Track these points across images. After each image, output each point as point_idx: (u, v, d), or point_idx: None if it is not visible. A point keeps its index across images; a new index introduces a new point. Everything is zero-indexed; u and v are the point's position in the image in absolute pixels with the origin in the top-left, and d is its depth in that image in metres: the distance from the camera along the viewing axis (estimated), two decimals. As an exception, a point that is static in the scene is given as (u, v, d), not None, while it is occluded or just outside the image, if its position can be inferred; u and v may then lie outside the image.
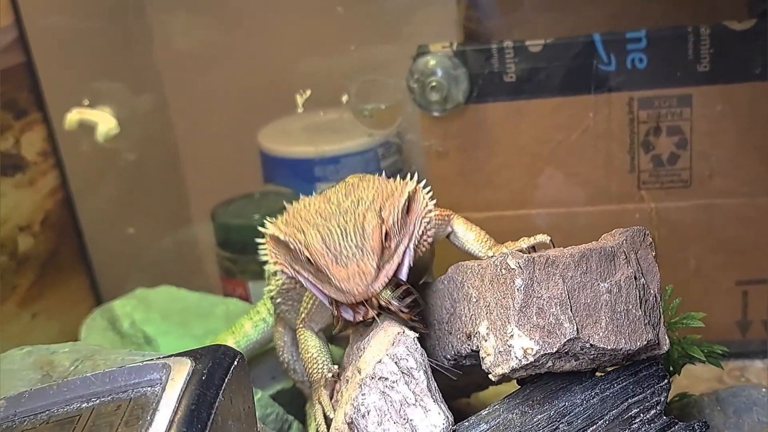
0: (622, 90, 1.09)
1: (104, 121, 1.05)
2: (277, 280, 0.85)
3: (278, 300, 0.87)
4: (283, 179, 1.34)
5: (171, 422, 0.47)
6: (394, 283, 0.68)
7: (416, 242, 0.71)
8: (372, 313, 0.66)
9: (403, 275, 0.69)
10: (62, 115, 1.11)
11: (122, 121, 1.09)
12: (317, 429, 0.78)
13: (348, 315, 0.67)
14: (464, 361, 0.76)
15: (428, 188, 0.75)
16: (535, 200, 1.16)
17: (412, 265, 0.70)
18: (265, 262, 1.19)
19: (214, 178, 1.36)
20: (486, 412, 0.69)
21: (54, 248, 1.11)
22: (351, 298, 0.65)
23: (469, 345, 0.73)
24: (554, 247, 0.74)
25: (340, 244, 0.66)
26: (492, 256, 0.75)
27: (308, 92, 1.15)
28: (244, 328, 0.99)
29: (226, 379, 0.52)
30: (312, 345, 0.79)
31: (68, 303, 1.14)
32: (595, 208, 1.15)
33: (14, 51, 1.06)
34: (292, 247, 0.70)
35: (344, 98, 1.14)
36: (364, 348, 0.68)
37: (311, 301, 0.78)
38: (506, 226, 1.13)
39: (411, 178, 0.75)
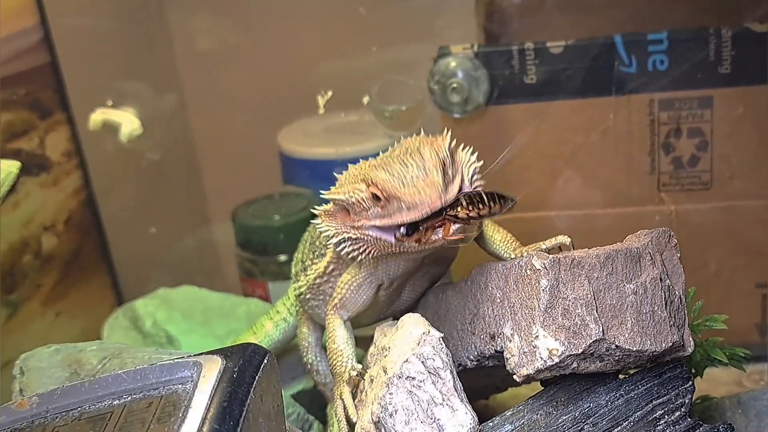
0: (643, 92, 1.09)
1: (128, 122, 1.06)
2: (309, 276, 0.86)
3: (308, 296, 0.87)
4: (302, 180, 1.34)
5: (203, 419, 0.47)
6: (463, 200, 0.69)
7: (468, 184, 0.72)
8: (455, 227, 0.67)
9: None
10: (86, 116, 1.12)
11: (144, 122, 1.10)
12: (338, 426, 0.79)
13: (436, 236, 0.67)
14: (487, 362, 0.77)
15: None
16: (555, 202, 1.16)
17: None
18: (283, 263, 1.21)
19: (233, 179, 1.37)
20: (510, 412, 0.69)
21: (77, 248, 1.12)
22: (427, 209, 0.66)
23: (492, 346, 0.73)
24: (574, 248, 0.74)
25: (403, 170, 0.68)
26: (516, 258, 0.75)
27: (329, 93, 1.16)
28: (265, 327, 0.99)
29: (257, 377, 0.52)
30: (339, 336, 0.80)
31: (91, 302, 1.14)
32: (615, 210, 1.15)
33: (39, 51, 1.07)
34: (353, 200, 0.71)
35: (365, 99, 1.15)
36: (388, 347, 0.68)
37: (346, 286, 0.79)
38: (525, 228, 1.12)
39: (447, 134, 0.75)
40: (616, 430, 0.67)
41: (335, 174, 0.78)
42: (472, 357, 0.76)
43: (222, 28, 1.29)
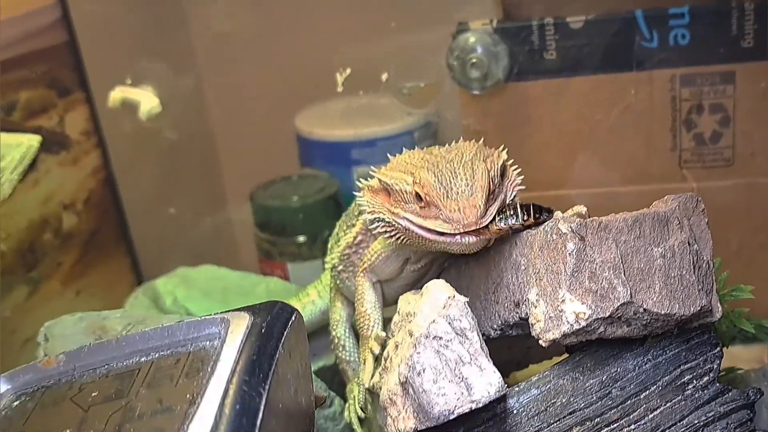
0: (664, 67, 1.08)
1: (147, 100, 1.05)
2: (340, 246, 0.87)
3: (340, 268, 0.88)
4: (320, 162, 1.34)
5: (233, 372, 0.47)
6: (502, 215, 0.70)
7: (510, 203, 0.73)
8: (481, 235, 0.69)
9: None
10: (104, 95, 1.11)
11: (162, 101, 1.10)
12: (358, 389, 0.80)
13: (459, 240, 0.69)
14: (511, 332, 0.76)
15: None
16: (575, 180, 1.16)
17: None
18: (301, 244, 1.21)
19: (250, 161, 1.36)
20: (536, 378, 0.68)
21: (96, 227, 1.12)
22: (460, 228, 0.68)
23: (517, 313, 0.72)
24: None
25: (451, 181, 0.69)
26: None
27: (348, 71, 1.15)
28: None
29: (285, 333, 0.52)
30: (368, 300, 0.81)
31: (110, 281, 1.14)
32: (636, 188, 1.14)
33: (58, 30, 1.06)
34: (397, 188, 0.72)
35: (384, 77, 1.14)
36: (413, 313, 0.68)
37: (375, 255, 0.81)
38: (545, 206, 1.13)
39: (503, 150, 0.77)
40: (644, 394, 0.66)
41: (388, 155, 0.79)
42: (495, 326, 0.75)
43: (239, 9, 1.28)
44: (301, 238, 1.22)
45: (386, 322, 0.83)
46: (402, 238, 0.75)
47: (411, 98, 1.14)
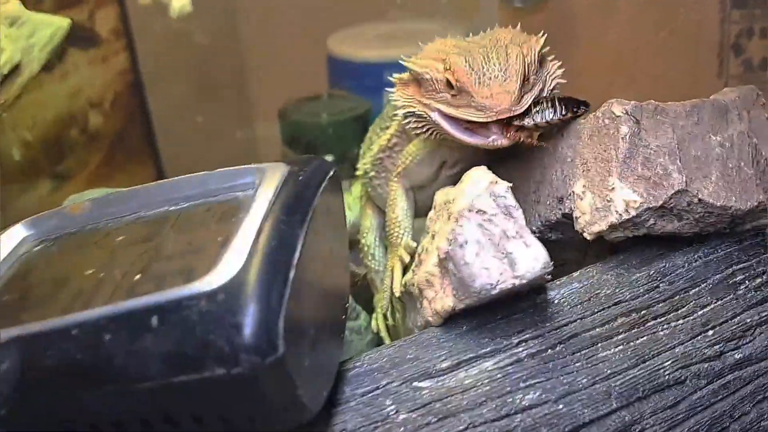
0: (716, -14, 1.03)
1: (177, -1, 1.02)
2: (372, 150, 0.84)
3: (371, 173, 0.85)
4: (350, 83, 1.31)
5: (269, 212, 0.44)
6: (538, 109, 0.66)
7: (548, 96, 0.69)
8: (514, 136, 0.65)
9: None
10: (139, -4, 1.09)
11: (195, 4, 1.06)
12: (383, 295, 0.77)
13: (488, 139, 0.65)
14: (550, 234, 0.73)
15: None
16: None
17: None
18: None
19: (279, 78, 1.33)
20: (578, 273, 0.65)
21: (123, 130, 1.09)
22: (493, 115, 0.63)
23: (560, 210, 0.69)
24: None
25: (483, 66, 0.65)
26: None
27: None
28: None
29: (323, 184, 0.49)
30: (400, 206, 0.78)
31: (134, 185, 1.12)
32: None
33: None
34: (428, 76, 0.68)
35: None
36: (453, 199, 0.64)
37: (410, 157, 0.77)
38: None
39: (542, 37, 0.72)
40: (693, 290, 0.62)
41: (420, 44, 0.75)
42: (535, 228, 0.72)
43: None
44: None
45: (417, 235, 0.80)
46: (434, 132, 0.71)
47: (449, 10, 1.09)
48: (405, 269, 0.74)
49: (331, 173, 0.51)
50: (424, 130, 0.72)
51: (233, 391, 0.39)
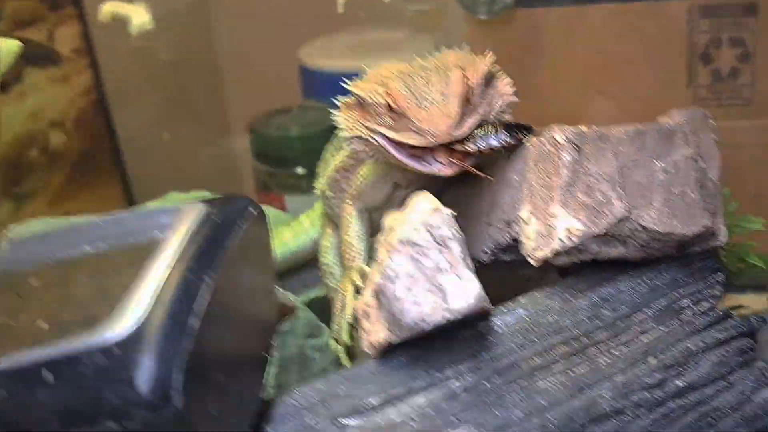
0: (683, -4, 1.02)
1: (137, 15, 1.02)
2: (328, 170, 0.83)
3: (328, 193, 0.85)
4: (323, 94, 1.30)
5: (177, 258, 0.43)
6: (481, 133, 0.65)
7: (494, 119, 0.67)
8: (457, 164, 0.63)
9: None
10: (97, 13, 1.08)
11: (159, 20, 1.06)
12: (337, 319, 0.76)
13: (432, 167, 0.64)
14: (503, 256, 0.72)
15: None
16: (587, 116, 1.10)
17: None
18: (300, 176, 1.18)
19: (251, 91, 1.33)
20: (524, 299, 0.64)
21: (87, 148, 1.09)
22: (432, 140, 0.62)
23: (509, 233, 0.68)
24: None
25: (423, 90, 0.64)
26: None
27: (351, -8, 1.11)
28: (284, 236, 0.97)
29: (242, 225, 0.48)
30: (353, 229, 0.77)
31: (101, 205, 1.11)
32: (649, 126, 1.09)
33: (48, -60, 1.03)
34: (370, 100, 0.67)
35: (387, -1, 1.10)
36: (394, 227, 0.64)
37: (363, 180, 0.77)
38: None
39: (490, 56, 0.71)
40: (636, 316, 0.61)
41: (365, 66, 0.74)
42: (487, 249, 0.72)
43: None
44: (300, 170, 1.19)
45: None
46: (378, 156, 0.71)
47: (415, 22, 1.09)
48: (358, 291, 0.74)
49: (252, 211, 0.50)
50: (368, 153, 0.71)
51: (132, 445, 0.38)
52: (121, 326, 0.39)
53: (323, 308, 0.96)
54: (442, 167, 0.65)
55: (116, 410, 0.37)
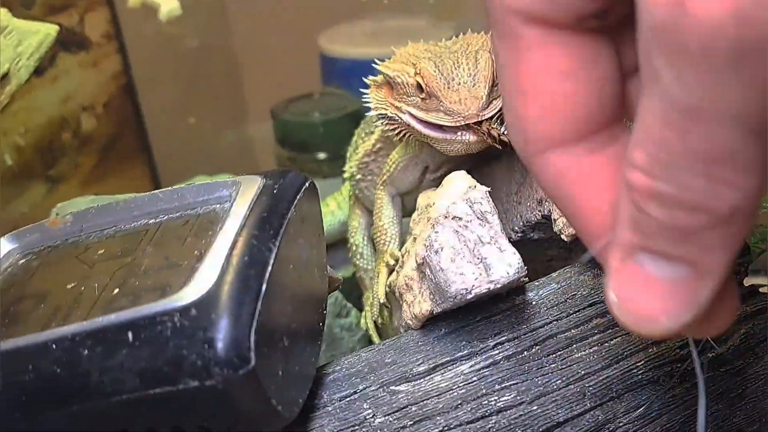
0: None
1: (166, 1, 1.03)
2: (358, 154, 0.85)
3: (357, 176, 0.86)
4: (343, 81, 1.32)
5: (242, 227, 0.45)
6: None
7: None
8: (481, 133, 0.65)
9: None
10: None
11: (184, 6, 1.07)
12: (372, 301, 0.78)
13: (460, 137, 0.66)
14: (532, 234, 0.74)
15: None
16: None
17: None
18: (322, 161, 1.20)
19: (272, 77, 1.34)
20: (557, 274, 0.66)
21: (116, 132, 1.11)
22: (460, 120, 0.65)
23: (539, 211, 0.70)
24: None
25: (453, 71, 0.66)
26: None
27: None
28: None
29: (298, 196, 0.50)
30: (386, 214, 0.79)
31: (129, 188, 1.13)
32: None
33: (79, -73, 1.04)
34: (399, 80, 0.69)
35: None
36: (432, 203, 0.66)
37: (393, 165, 0.78)
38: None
39: None
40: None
41: (393, 48, 0.76)
42: (517, 228, 0.73)
43: None
44: (322, 155, 1.21)
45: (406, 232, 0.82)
46: (407, 135, 0.73)
47: (437, 8, 1.10)
48: (391, 272, 0.76)
49: (307, 185, 0.52)
50: (395, 131, 0.73)
51: (209, 402, 0.41)
52: (196, 289, 0.41)
53: (350, 288, 0.98)
54: (471, 136, 0.66)
55: (196, 369, 0.39)
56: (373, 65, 0.75)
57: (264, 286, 0.42)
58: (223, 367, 0.39)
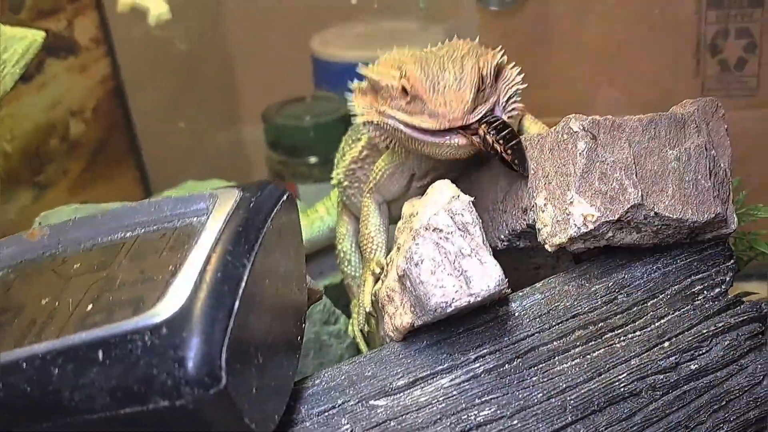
0: (691, -14, 1.04)
1: (156, 6, 1.03)
2: (345, 161, 0.85)
3: (345, 183, 0.86)
4: (335, 84, 1.31)
5: (217, 241, 0.45)
6: (489, 119, 0.66)
7: (502, 107, 0.69)
8: (470, 138, 0.65)
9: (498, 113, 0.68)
10: (114, 3, 1.09)
11: (174, 9, 1.07)
12: (358, 309, 0.78)
13: (447, 139, 0.65)
14: (518, 242, 0.74)
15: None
16: (596, 105, 1.12)
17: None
18: (313, 165, 1.19)
19: (264, 81, 1.34)
20: (541, 284, 0.66)
21: (105, 137, 1.10)
22: (446, 123, 0.64)
23: (524, 220, 0.70)
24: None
25: (438, 74, 0.66)
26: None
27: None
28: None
29: (275, 209, 0.50)
30: (372, 222, 0.79)
31: (118, 193, 1.13)
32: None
33: (68, -68, 1.04)
34: (384, 84, 0.69)
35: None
36: (416, 212, 0.66)
37: (380, 172, 0.78)
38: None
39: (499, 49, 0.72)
40: (651, 301, 0.63)
41: (379, 52, 0.76)
42: (503, 236, 0.73)
43: None
44: (313, 159, 1.21)
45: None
46: (392, 140, 0.72)
47: (427, 12, 1.10)
48: (377, 280, 0.75)
49: (285, 197, 0.52)
50: (381, 138, 0.73)
51: (180, 422, 0.40)
52: (167, 307, 0.41)
53: (339, 295, 0.98)
54: (460, 139, 0.66)
55: (166, 388, 0.39)
56: (357, 70, 0.75)
57: (237, 303, 0.42)
58: (194, 387, 0.39)
